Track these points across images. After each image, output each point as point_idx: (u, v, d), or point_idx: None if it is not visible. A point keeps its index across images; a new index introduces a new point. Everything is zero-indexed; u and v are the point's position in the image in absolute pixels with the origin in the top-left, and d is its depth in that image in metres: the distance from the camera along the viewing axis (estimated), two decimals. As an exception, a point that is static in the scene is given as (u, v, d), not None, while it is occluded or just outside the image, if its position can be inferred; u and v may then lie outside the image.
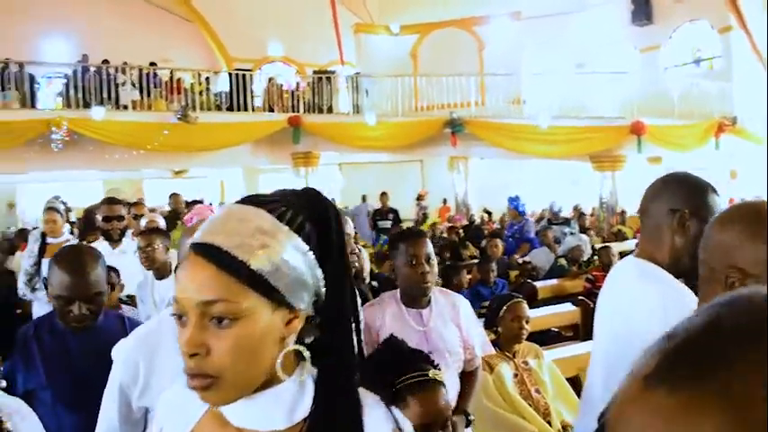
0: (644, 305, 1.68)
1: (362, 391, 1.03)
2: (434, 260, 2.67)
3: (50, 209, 5.51)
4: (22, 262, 5.13)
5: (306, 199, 1.03)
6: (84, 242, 4.40)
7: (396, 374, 1.68)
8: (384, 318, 2.66)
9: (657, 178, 1.83)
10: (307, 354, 0.99)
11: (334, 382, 1.00)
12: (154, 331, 1.84)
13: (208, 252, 0.93)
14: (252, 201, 1.00)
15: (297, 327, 0.98)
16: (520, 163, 16.10)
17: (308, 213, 1.00)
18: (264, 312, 0.93)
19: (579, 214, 12.18)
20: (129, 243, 4.65)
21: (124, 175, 17.89)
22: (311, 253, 0.97)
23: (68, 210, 5.33)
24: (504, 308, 3.47)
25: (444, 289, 2.92)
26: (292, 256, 0.95)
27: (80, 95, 12.93)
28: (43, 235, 5.42)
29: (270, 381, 0.97)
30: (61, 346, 2.19)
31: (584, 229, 9.74)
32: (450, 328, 2.68)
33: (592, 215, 13.49)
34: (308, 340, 1.01)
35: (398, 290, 2.75)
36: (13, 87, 12.36)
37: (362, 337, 2.49)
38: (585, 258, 7.28)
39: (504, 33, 18.07)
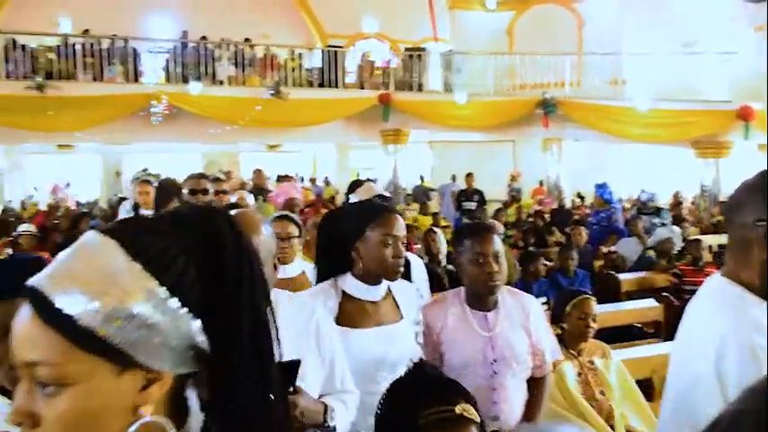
0: (699, 339, 1.48)
1: None
2: (503, 258, 2.45)
3: (144, 181, 5.74)
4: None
5: (194, 223, 0.84)
6: (162, 211, 4.47)
7: (418, 407, 1.47)
8: (446, 319, 2.47)
9: (743, 181, 1.54)
10: (169, 426, 0.80)
11: None
12: None
13: (34, 299, 0.77)
14: (121, 228, 0.82)
15: (157, 393, 0.79)
16: (618, 146, 15.43)
17: (190, 243, 0.81)
18: (104, 377, 0.75)
19: (677, 203, 11.55)
20: None
21: (222, 148, 18.53)
22: (175, 300, 0.78)
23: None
24: (571, 304, 3.33)
25: (513, 288, 2.67)
26: (144, 306, 0.76)
27: (180, 70, 13.44)
28: (136, 206, 5.68)
29: None
30: None
31: (680, 219, 9.21)
32: (519, 334, 2.48)
33: (692, 204, 12.77)
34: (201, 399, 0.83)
35: (463, 289, 2.55)
36: (118, 62, 12.97)
37: (425, 337, 2.37)
38: (676, 251, 6.90)
39: (605, 10, 17.24)
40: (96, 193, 17.37)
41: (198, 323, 0.79)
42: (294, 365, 1.60)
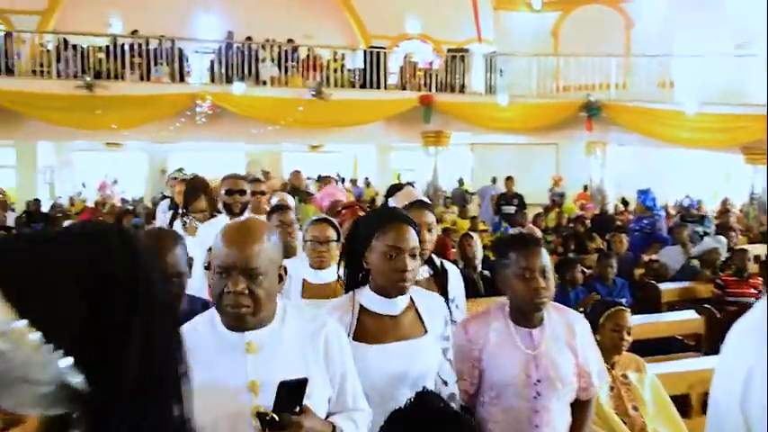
0: (728, 370, 1.33)
1: None
2: (551, 273, 2.30)
3: (183, 181, 5.81)
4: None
5: (81, 244, 0.74)
6: (189, 209, 4.44)
7: None
8: (488, 334, 2.33)
9: None
10: None
11: None
12: (185, 334, 1.78)
13: None
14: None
15: None
16: (664, 151, 15.05)
17: (73, 267, 0.71)
18: None
19: (725, 210, 11.20)
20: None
21: (264, 147, 18.73)
22: (37, 334, 0.66)
23: None
24: (605, 315, 3.24)
25: (559, 305, 2.50)
26: None
27: (224, 71, 13.63)
28: (174, 204, 5.74)
29: None
30: None
31: (727, 228, 8.91)
32: (564, 353, 2.33)
33: (741, 212, 12.38)
34: None
35: (507, 302, 2.40)
36: (165, 62, 13.22)
37: (464, 352, 2.24)
38: (721, 261, 6.68)
39: (654, 10, 16.84)
40: (142, 190, 17.77)
41: (68, 361, 0.68)
42: (301, 384, 1.57)
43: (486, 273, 6.36)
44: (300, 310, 1.85)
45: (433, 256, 2.81)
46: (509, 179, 11.67)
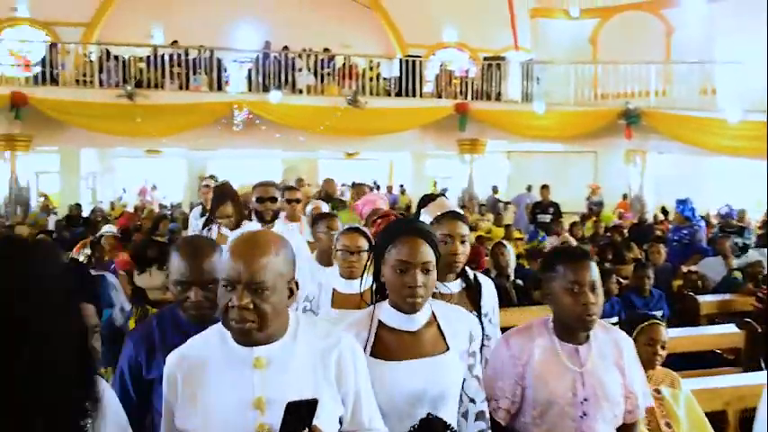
0: None
1: None
2: (600, 288, 2.18)
3: (208, 186, 5.90)
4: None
5: None
6: (216, 215, 4.48)
7: None
8: (533, 350, 2.23)
9: None
10: None
11: None
12: (195, 346, 1.74)
13: None
14: None
15: None
16: (706, 159, 14.72)
17: None
18: None
19: (768, 221, 10.87)
20: (281, 226, 4.65)
21: (301, 155, 18.90)
22: None
23: None
24: (639, 329, 3.17)
25: (604, 323, 2.37)
26: None
27: (261, 80, 13.81)
28: (204, 210, 5.82)
29: None
30: (182, 340, 2.12)
31: (770, 239, 8.67)
32: (612, 372, 2.22)
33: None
34: None
35: (550, 317, 2.30)
36: (203, 72, 13.45)
37: (505, 368, 2.17)
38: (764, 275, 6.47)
39: (696, 16, 16.51)
40: (180, 196, 18.07)
41: None
42: (310, 405, 1.52)
43: (519, 282, 6.31)
44: (314, 326, 1.79)
45: (467, 268, 2.70)
46: (545, 187, 11.53)
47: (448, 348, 2.03)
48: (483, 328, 2.53)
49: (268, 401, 1.60)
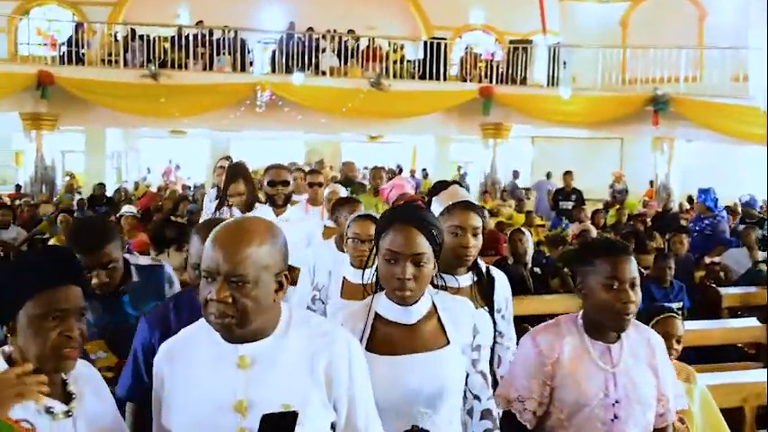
0: None
1: None
2: (638, 286, 2.05)
3: (222, 168, 5.86)
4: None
5: None
6: (228, 192, 4.40)
7: None
8: (562, 348, 2.09)
9: None
10: None
11: None
12: (183, 339, 1.65)
13: None
14: None
15: None
16: (737, 148, 14.39)
17: None
18: None
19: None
20: (294, 211, 4.57)
21: (324, 137, 18.86)
22: None
23: None
24: (654, 322, 3.09)
25: (637, 322, 2.21)
26: None
27: (285, 61, 13.77)
28: (219, 191, 5.80)
29: None
30: None
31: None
32: (645, 373, 2.10)
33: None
34: None
35: (579, 314, 2.16)
36: (227, 52, 13.45)
37: (533, 366, 2.07)
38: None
39: (729, 1, 16.08)
40: (203, 177, 18.18)
41: None
42: (287, 418, 1.44)
43: (537, 270, 6.22)
44: (308, 322, 1.64)
45: (479, 261, 2.55)
46: (567, 173, 11.36)
47: (448, 342, 1.93)
48: (495, 325, 2.43)
49: (250, 404, 1.48)
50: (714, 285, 6.01)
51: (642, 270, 6.10)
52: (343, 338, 1.63)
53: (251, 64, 14.20)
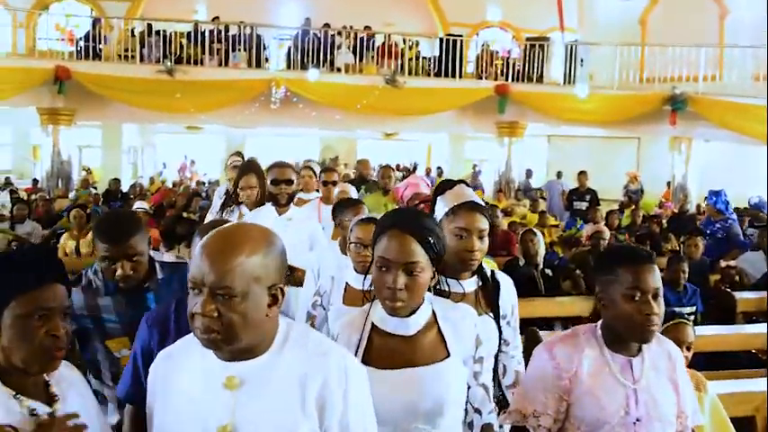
0: None
1: None
2: (662, 297, 1.97)
3: (233, 166, 5.83)
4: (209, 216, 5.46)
5: None
6: (239, 185, 4.35)
7: None
8: (581, 361, 1.98)
9: None
10: None
11: None
12: (178, 351, 1.57)
13: None
14: None
15: None
16: (756, 149, 14.16)
17: None
18: None
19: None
20: (303, 210, 4.56)
21: (339, 134, 18.86)
22: None
23: None
24: (664, 328, 3.03)
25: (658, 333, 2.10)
26: None
27: (300, 57, 13.76)
28: (228, 189, 5.78)
29: None
30: None
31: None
32: (666, 389, 1.99)
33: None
34: None
35: (598, 324, 2.05)
36: (243, 48, 13.47)
37: (549, 380, 1.98)
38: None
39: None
40: (218, 173, 18.26)
41: None
42: None
43: (548, 271, 6.14)
44: (305, 340, 1.51)
45: (484, 265, 2.44)
46: (582, 173, 11.24)
47: (448, 355, 1.84)
48: (501, 332, 2.34)
49: (236, 429, 1.40)
50: (729, 290, 5.90)
51: (656, 273, 6.04)
52: (340, 360, 1.50)
53: (266, 60, 14.22)
